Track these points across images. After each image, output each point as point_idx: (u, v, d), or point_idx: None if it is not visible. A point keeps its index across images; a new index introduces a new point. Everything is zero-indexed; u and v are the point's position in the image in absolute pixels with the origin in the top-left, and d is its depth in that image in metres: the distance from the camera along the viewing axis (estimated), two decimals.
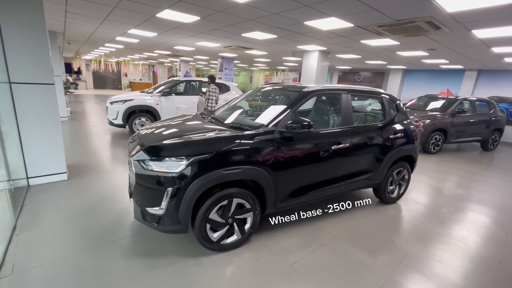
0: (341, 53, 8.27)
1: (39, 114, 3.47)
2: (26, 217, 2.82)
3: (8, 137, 3.34)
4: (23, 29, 3.18)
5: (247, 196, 2.39)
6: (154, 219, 2.22)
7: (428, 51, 6.72)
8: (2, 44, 3.09)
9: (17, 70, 3.22)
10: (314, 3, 3.41)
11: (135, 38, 8.04)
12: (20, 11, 3.13)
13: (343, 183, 3.07)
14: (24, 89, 3.30)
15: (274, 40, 6.48)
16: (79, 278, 2.02)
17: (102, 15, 5.21)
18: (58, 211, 2.98)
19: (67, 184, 3.69)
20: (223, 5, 3.86)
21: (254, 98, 4.03)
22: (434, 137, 6.90)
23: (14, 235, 2.51)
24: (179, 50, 10.44)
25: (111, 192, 3.50)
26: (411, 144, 3.64)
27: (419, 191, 4.30)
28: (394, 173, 3.58)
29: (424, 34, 4.57)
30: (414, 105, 8.35)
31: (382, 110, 3.53)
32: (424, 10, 3.35)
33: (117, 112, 6.44)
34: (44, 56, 3.39)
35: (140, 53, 13.76)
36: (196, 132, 2.52)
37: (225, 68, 12.44)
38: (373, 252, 2.59)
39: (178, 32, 6.49)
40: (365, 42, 5.95)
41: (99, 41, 9.57)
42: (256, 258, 2.38)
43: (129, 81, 24.00)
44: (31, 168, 3.54)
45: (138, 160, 2.24)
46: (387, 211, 3.53)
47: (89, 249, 2.35)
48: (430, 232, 3.05)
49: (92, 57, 19.38)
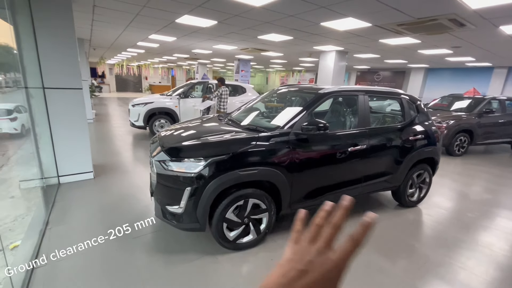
0: (359, 53, 8.11)
1: (68, 117, 3.71)
2: (57, 212, 3.03)
3: (42, 138, 3.62)
4: (55, 38, 3.42)
5: (262, 197, 2.43)
6: (174, 217, 2.32)
7: (452, 48, 6.43)
8: (37, 53, 3.35)
9: (49, 76, 3.47)
10: (330, 4, 3.40)
11: (155, 42, 8.35)
12: (52, 22, 3.37)
13: (360, 185, 3.03)
14: (55, 93, 3.56)
15: (291, 41, 6.49)
16: (104, 270, 2.16)
17: (125, 22, 5.47)
18: (86, 207, 3.18)
19: (93, 183, 3.91)
20: (240, 9, 3.94)
21: (270, 99, 4.08)
22: (459, 138, 6.58)
23: (47, 229, 2.71)
24: (197, 53, 10.71)
25: (134, 190, 3.67)
26: (433, 146, 3.52)
27: (442, 195, 4.14)
28: (414, 176, 3.47)
29: (447, 32, 4.40)
30: (437, 105, 8.00)
31: (401, 111, 3.44)
32: (446, 8, 3.24)
33: (139, 114, 6.72)
34: (73, 63, 3.63)
35: (159, 57, 14.24)
36: (214, 134, 2.60)
37: (241, 70, 12.57)
38: (391, 256, 2.54)
39: (196, 36, 6.67)
40: (384, 41, 5.81)
41: (122, 46, 10.03)
42: (271, 258, 2.42)
43: (149, 84, 24.85)
44: (61, 167, 3.79)
45: (159, 160, 2.35)
46: (406, 215, 3.43)
47: (113, 244, 2.50)
48: (452, 237, 2.94)
49: (115, 62, 20.31)
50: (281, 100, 4.18)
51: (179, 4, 3.85)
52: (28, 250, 2.32)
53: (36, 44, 3.32)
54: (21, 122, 6.02)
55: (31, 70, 3.36)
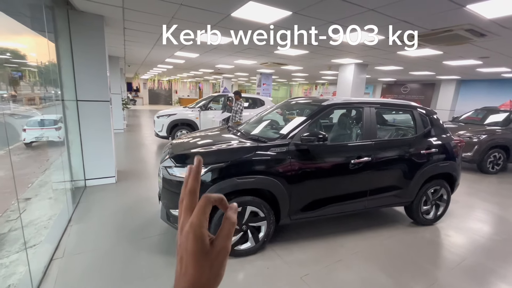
0: (380, 65, 7.95)
1: (96, 126, 4.13)
2: (80, 212, 3.35)
3: (73, 145, 4.06)
4: (88, 56, 3.89)
5: (261, 205, 2.49)
6: (176, 220, 2.47)
7: (480, 59, 6.07)
8: (73, 69, 3.83)
9: (82, 90, 3.93)
10: (337, 19, 3.48)
11: (181, 59, 8.97)
12: (87, 41, 3.85)
13: (365, 199, 2.96)
14: (86, 105, 4.00)
15: (307, 55, 6.60)
16: (111, 267, 2.35)
17: (152, 42, 6.02)
18: (105, 209, 3.48)
19: (114, 187, 4.25)
20: (252, 27, 4.16)
21: (284, 112, 4.19)
22: (493, 154, 6.07)
23: (68, 226, 3.01)
24: (220, 68, 11.23)
25: (149, 195, 3.92)
26: (450, 161, 3.34)
27: (467, 215, 3.82)
28: (428, 192, 3.30)
29: (468, 42, 4.21)
30: (469, 118, 7.48)
31: (413, 124, 3.34)
32: (459, 19, 3.15)
33: (162, 125, 7.18)
34: (103, 78, 4.07)
35: (187, 72, 15.13)
36: (218, 142, 2.76)
37: (263, 84, 12.88)
38: (395, 275, 2.42)
39: (216, 52, 7.07)
40: (402, 53, 5.68)
41: (152, 62, 10.88)
42: (267, 266, 2.44)
43: (179, 97, 26.30)
44: (88, 171, 4.19)
45: (165, 166, 2.54)
46: (421, 233, 3.24)
47: (123, 243, 2.70)
48: (470, 260, 2.71)
49: (148, 77, 21.91)
50: (291, 112, 4.26)
51: (197, 24, 4.19)
52: (51, 244, 2.61)
53: (72, 62, 3.80)
54: (64, 131, 6.78)
55: (68, 84, 3.84)
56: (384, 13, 3.09)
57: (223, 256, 0.34)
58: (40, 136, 6.82)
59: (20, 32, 4.09)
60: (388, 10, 3.01)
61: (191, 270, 0.32)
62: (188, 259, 0.33)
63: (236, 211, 0.37)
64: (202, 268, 0.32)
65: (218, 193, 1.38)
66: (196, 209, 0.34)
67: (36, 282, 2.08)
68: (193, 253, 0.33)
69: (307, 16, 3.36)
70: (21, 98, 5.87)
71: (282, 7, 3.12)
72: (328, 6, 2.97)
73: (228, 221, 0.35)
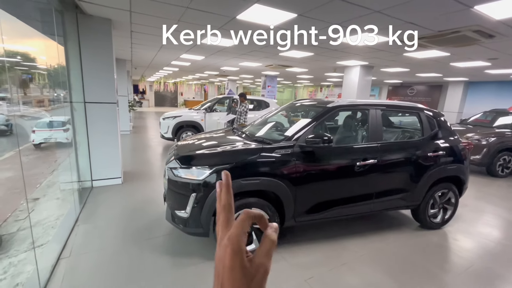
0: (386, 67, 7.89)
1: (103, 127, 4.19)
2: (87, 212, 3.39)
3: (81, 146, 4.12)
4: (96, 58, 3.96)
5: (265, 207, 2.49)
6: (181, 221, 2.48)
7: (488, 60, 5.98)
8: (81, 72, 3.90)
9: (90, 92, 3.99)
10: (342, 21, 3.47)
11: (186, 61, 9.05)
12: (95, 44, 3.92)
13: (371, 201, 2.93)
14: (93, 107, 4.06)
15: (312, 57, 6.60)
16: (116, 266, 2.37)
17: (158, 44, 6.09)
18: (111, 209, 3.51)
19: (120, 188, 4.30)
20: (257, 29, 4.18)
21: (288, 113, 4.19)
22: (502, 158, 5.95)
23: (76, 225, 3.05)
24: (225, 70, 11.30)
25: (154, 196, 3.95)
26: (458, 164, 3.29)
27: (475, 219, 3.75)
28: (436, 195, 3.25)
29: (476, 43, 4.15)
30: (478, 120, 7.36)
31: (420, 126, 3.30)
32: (466, 20, 3.11)
33: (168, 126, 7.25)
34: (110, 80, 4.13)
35: (192, 74, 15.26)
36: (223, 144, 2.77)
37: (268, 86, 12.90)
38: (401, 280, 2.39)
39: (222, 55, 7.12)
40: (408, 55, 5.63)
41: (158, 65, 11.01)
42: (272, 269, 2.42)
43: (184, 99, 26.51)
44: (95, 172, 4.25)
45: (171, 167, 2.56)
46: (428, 237, 3.19)
47: (128, 243, 2.73)
48: (479, 265, 2.66)
49: (154, 79, 22.16)
50: (295, 113, 4.26)
51: (201, 27, 4.23)
52: (59, 244, 2.65)
53: (81, 64, 3.87)
54: (71, 133, 6.91)
55: (76, 87, 3.91)
56: (390, 15, 3.07)
57: (262, 274, 0.33)
58: (49, 137, 6.96)
59: (30, 36, 4.19)
60: (394, 12, 2.99)
61: (228, 286, 0.31)
62: (225, 275, 0.31)
63: (276, 230, 0.36)
64: (239, 285, 0.31)
65: None
66: (235, 223, 0.34)
67: (43, 281, 2.11)
68: (230, 268, 0.31)
69: (312, 18, 3.37)
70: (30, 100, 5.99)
71: (288, 10, 3.13)
72: (334, 8, 2.97)
73: (268, 239, 0.34)
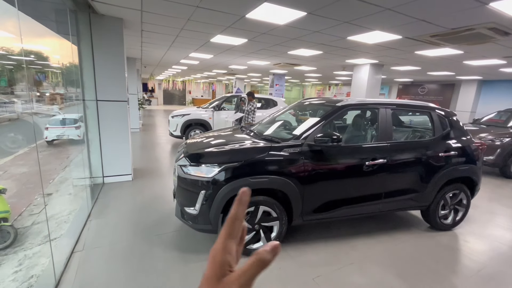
0: (396, 65, 7.76)
1: (115, 125, 4.27)
2: (98, 207, 3.48)
3: (93, 143, 4.22)
4: (108, 57, 4.04)
5: (273, 205, 2.51)
6: (190, 217, 2.52)
7: (504, 58, 5.81)
8: (93, 70, 3.99)
9: (102, 90, 4.08)
10: (353, 19, 3.44)
11: (195, 60, 9.12)
12: (107, 44, 4.00)
13: (380, 201, 2.90)
14: (105, 105, 4.15)
15: (321, 56, 6.55)
16: (128, 260, 2.43)
17: (168, 43, 6.16)
18: (122, 205, 3.59)
19: (131, 184, 4.39)
20: (266, 28, 4.18)
21: (296, 112, 4.18)
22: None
23: (88, 220, 3.14)
24: (234, 68, 11.32)
25: (164, 193, 4.02)
26: (470, 164, 3.22)
27: (487, 221, 3.66)
28: (447, 196, 3.20)
29: (491, 41, 4.04)
30: (491, 120, 7.16)
31: (431, 125, 3.25)
32: (481, 17, 3.04)
33: (177, 124, 7.33)
34: (121, 78, 4.21)
35: (201, 73, 15.36)
36: (232, 142, 2.79)
37: (275, 84, 12.87)
38: (410, 280, 2.36)
39: (230, 53, 7.14)
40: (420, 53, 5.52)
41: (167, 63, 11.13)
42: (279, 267, 2.45)
43: (192, 97, 26.71)
44: (106, 169, 4.34)
45: (180, 165, 2.60)
46: (437, 239, 3.14)
47: (139, 238, 2.79)
48: (490, 268, 2.61)
49: (163, 78, 22.41)
50: (303, 112, 4.24)
51: (211, 25, 4.26)
52: (72, 238, 2.73)
53: (93, 63, 3.96)
54: (83, 130, 7.09)
55: (88, 85, 4.01)
56: (402, 12, 3.02)
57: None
58: (61, 134, 7.16)
59: (44, 35, 4.31)
60: (406, 9, 2.94)
61: None
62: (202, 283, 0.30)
63: (273, 251, 0.30)
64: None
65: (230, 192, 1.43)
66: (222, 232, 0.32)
67: (58, 273, 2.18)
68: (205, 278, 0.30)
69: (321, 16, 3.34)
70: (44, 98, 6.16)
71: (297, 8, 3.12)
72: (344, 6, 2.95)
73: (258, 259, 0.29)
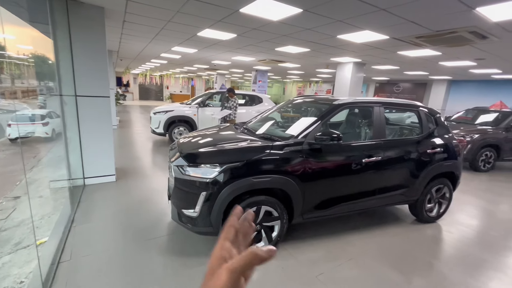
0: (377, 64, 8.05)
1: (96, 122, 3.98)
2: (82, 212, 3.23)
3: (71, 142, 3.90)
4: (88, 50, 3.73)
5: (275, 205, 2.48)
6: (189, 220, 2.42)
7: (475, 60, 6.25)
8: (72, 64, 3.67)
9: (81, 85, 3.77)
10: (347, 18, 3.47)
11: (177, 54, 8.78)
12: (87, 36, 3.69)
13: (374, 197, 2.99)
14: (85, 101, 3.85)
15: (307, 53, 6.60)
16: (121, 268, 2.28)
17: (151, 36, 5.85)
18: (107, 208, 3.37)
19: (115, 185, 4.13)
20: (258, 23, 4.11)
21: (286, 109, 4.16)
22: (484, 153, 6.28)
23: (72, 226, 2.90)
24: (216, 64, 11.08)
25: (151, 194, 3.83)
26: (453, 160, 3.42)
27: (464, 212, 3.95)
28: (432, 190, 3.38)
29: (469, 44, 4.31)
30: (461, 118, 7.70)
31: (419, 123, 3.39)
32: (466, 21, 3.21)
33: (159, 121, 7.03)
34: (103, 73, 3.92)
35: (181, 67, 14.86)
36: (230, 141, 2.71)
37: (258, 81, 12.81)
38: (406, 272, 2.47)
39: (216, 48, 6.95)
40: (402, 53, 5.76)
41: (146, 57, 10.61)
42: (282, 266, 2.43)
43: (170, 93, 25.84)
44: (87, 170, 4.04)
45: (178, 165, 2.47)
46: (424, 231, 3.31)
47: (131, 244, 2.63)
48: (473, 256, 2.80)
49: (139, 72, 21.39)
50: (297, 110, 4.24)
51: (201, 19, 4.09)
52: (55, 246, 2.50)
53: (72, 56, 3.64)
54: (52, 127, 6.51)
55: (66, 79, 3.68)
56: (395, 13, 3.10)
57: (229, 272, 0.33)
58: (27, 131, 6.55)
59: (14, 23, 3.88)
60: (399, 11, 3.03)
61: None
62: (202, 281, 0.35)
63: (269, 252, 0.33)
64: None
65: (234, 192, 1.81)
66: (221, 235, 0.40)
67: (47, 285, 1.99)
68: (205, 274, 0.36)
69: (317, 14, 3.34)
70: (3, 91, 5.56)
71: (293, 4, 3.08)
72: (342, 4, 2.96)
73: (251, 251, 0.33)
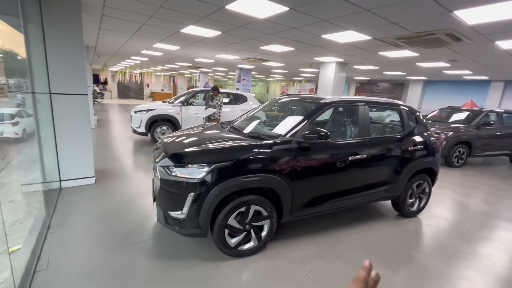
0: (359, 64, 8.28)
1: (73, 122, 3.76)
2: (59, 217, 3.04)
3: (46, 142, 3.66)
4: (63, 45, 3.51)
5: (264, 204, 2.46)
6: (176, 222, 2.34)
7: (449, 62, 6.59)
8: (45, 59, 3.43)
9: (57, 82, 3.54)
10: (332, 17, 3.52)
11: (159, 51, 8.52)
12: (61, 30, 3.47)
13: (360, 194, 3.06)
14: (61, 99, 3.62)
15: (292, 52, 6.64)
16: (104, 276, 2.16)
17: (131, 31, 5.61)
18: (87, 212, 3.19)
19: (94, 188, 3.93)
20: (244, 21, 4.06)
21: (271, 108, 4.15)
22: (458, 150, 6.65)
23: (48, 233, 2.71)
24: (199, 62, 10.89)
25: (134, 196, 3.68)
26: (432, 157, 3.57)
27: (441, 206, 4.15)
28: (413, 186, 3.51)
29: (445, 46, 4.52)
30: (435, 116, 8.10)
31: (400, 121, 3.51)
32: (444, 23, 3.36)
33: (141, 120, 6.79)
34: (81, 70, 3.71)
35: (162, 65, 14.46)
36: (216, 140, 2.65)
37: (242, 79, 12.75)
38: (391, 266, 2.54)
39: (199, 46, 6.82)
40: (383, 54, 5.95)
41: (126, 54, 10.21)
42: (272, 265, 2.42)
43: (151, 91, 25.09)
44: (63, 172, 3.81)
45: (163, 166, 2.38)
46: (406, 225, 3.44)
47: (113, 249, 2.50)
48: (452, 247, 2.95)
49: (118, 69, 20.56)
50: (283, 109, 4.25)
51: (185, 15, 3.98)
52: (29, 254, 2.32)
53: (45, 51, 3.40)
54: (22, 127, 6.09)
55: (39, 75, 3.44)
56: (378, 14, 3.18)
57: None
58: None
59: None
60: (383, 12, 3.11)
61: None
62: None
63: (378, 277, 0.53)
64: None
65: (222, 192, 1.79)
66: None
67: None
68: None
69: (303, 13, 3.35)
70: None
71: (281, 2, 3.07)
72: (327, 4, 2.99)
73: None
